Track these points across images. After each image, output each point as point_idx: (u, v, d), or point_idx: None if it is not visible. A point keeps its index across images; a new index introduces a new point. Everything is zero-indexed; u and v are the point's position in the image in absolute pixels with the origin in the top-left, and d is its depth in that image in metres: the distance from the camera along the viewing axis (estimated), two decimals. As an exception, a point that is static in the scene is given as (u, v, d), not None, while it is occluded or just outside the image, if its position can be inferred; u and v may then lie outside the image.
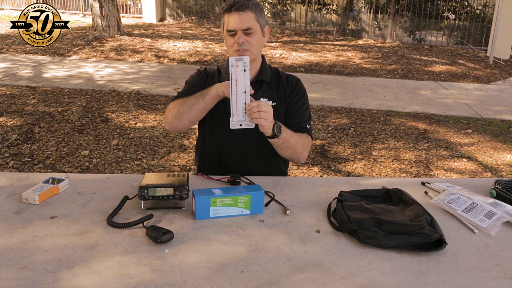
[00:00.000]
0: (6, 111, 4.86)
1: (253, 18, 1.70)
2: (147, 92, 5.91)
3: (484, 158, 4.25)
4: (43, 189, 1.49)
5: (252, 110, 1.49)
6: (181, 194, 1.42)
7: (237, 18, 1.68)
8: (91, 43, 8.78)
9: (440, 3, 11.33)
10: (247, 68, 1.46)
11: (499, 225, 1.39)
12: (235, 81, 1.46)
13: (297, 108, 1.85)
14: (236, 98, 1.48)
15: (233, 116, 1.49)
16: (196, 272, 1.13)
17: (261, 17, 1.74)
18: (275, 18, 12.54)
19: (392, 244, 1.25)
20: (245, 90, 1.48)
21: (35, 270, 1.12)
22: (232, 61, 1.45)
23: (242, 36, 1.69)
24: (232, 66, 1.45)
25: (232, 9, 1.69)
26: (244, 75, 1.45)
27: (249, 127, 1.52)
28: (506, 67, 8.88)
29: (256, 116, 1.49)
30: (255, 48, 1.74)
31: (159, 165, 3.75)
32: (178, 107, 1.73)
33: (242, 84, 1.47)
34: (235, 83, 1.46)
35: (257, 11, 1.72)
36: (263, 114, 1.50)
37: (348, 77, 7.50)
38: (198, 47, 8.99)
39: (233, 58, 1.46)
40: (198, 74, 1.89)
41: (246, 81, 1.47)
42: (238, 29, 1.69)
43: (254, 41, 1.72)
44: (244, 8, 1.68)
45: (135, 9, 13.85)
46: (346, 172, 3.81)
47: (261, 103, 1.51)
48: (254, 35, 1.71)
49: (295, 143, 1.71)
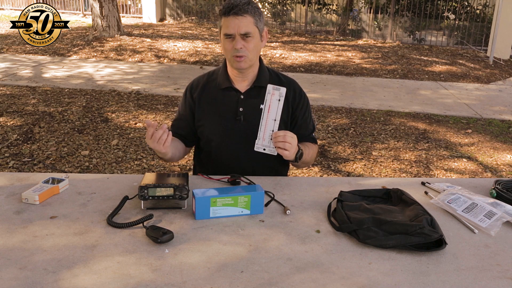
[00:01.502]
0: (6, 111, 4.86)
1: (251, 23, 1.65)
2: (147, 92, 5.91)
3: (484, 158, 4.25)
4: (43, 189, 1.49)
5: (277, 139, 1.57)
6: (181, 194, 1.42)
7: (236, 22, 1.63)
8: (91, 43, 8.78)
9: (440, 3, 11.33)
10: (282, 98, 1.54)
11: (499, 225, 1.39)
12: (268, 108, 1.55)
13: (305, 120, 1.87)
14: (265, 123, 1.57)
15: (259, 139, 1.59)
16: (196, 272, 1.13)
17: (260, 21, 1.69)
18: (275, 18, 12.54)
19: (392, 244, 1.25)
20: (275, 118, 1.56)
21: (35, 270, 1.12)
22: (270, 89, 1.54)
23: (240, 41, 1.65)
24: (268, 93, 1.54)
25: (231, 13, 1.63)
26: (278, 104, 1.55)
27: (272, 154, 1.60)
28: (506, 67, 8.88)
29: (280, 146, 1.57)
30: (253, 53, 1.70)
31: (159, 165, 3.75)
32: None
33: (274, 112, 1.55)
34: (268, 109, 1.56)
35: (256, 15, 1.67)
36: (288, 145, 1.57)
37: (348, 77, 7.50)
38: (198, 47, 8.99)
39: (271, 86, 1.54)
40: (185, 95, 1.86)
41: (278, 110, 1.55)
42: (236, 34, 1.65)
43: (251, 46, 1.68)
44: (243, 13, 1.63)
45: (135, 9, 13.86)
46: (346, 172, 3.81)
47: (288, 134, 1.58)
48: (252, 40, 1.67)
49: (310, 159, 1.81)
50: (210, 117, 1.81)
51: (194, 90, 1.85)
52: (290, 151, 1.59)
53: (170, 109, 5.23)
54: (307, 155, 1.76)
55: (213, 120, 1.80)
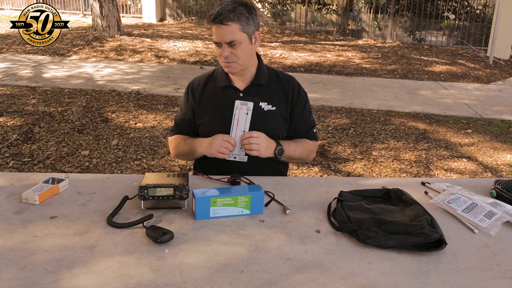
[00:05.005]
0: (6, 111, 4.86)
1: (237, 30, 1.65)
2: (147, 92, 5.91)
3: (484, 158, 4.25)
4: (43, 189, 1.49)
5: (243, 142, 1.67)
6: (181, 194, 1.42)
7: (220, 31, 1.65)
8: (91, 43, 8.78)
9: (440, 3, 11.33)
10: (249, 112, 1.64)
11: (499, 225, 1.39)
12: (237, 121, 1.65)
13: (303, 116, 1.88)
14: (235, 135, 1.68)
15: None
16: (196, 272, 1.13)
17: (248, 25, 1.68)
18: (275, 18, 12.54)
19: (392, 244, 1.25)
20: (244, 130, 1.66)
21: (35, 270, 1.12)
22: (238, 104, 1.64)
23: (227, 49, 1.67)
24: (236, 108, 1.64)
25: (215, 22, 1.65)
26: (246, 117, 1.64)
27: (242, 160, 1.71)
28: (506, 67, 8.88)
29: (247, 148, 1.67)
30: (242, 59, 1.71)
31: (159, 165, 3.75)
32: (177, 149, 1.88)
33: (242, 124, 1.65)
34: (236, 122, 1.66)
35: (241, 21, 1.65)
36: (254, 146, 1.66)
37: (348, 77, 7.50)
38: (198, 47, 8.99)
39: (239, 102, 1.65)
40: (186, 94, 1.89)
41: (247, 123, 1.65)
42: (222, 42, 1.67)
43: (239, 52, 1.69)
44: (227, 21, 1.63)
45: (135, 9, 13.85)
46: (346, 172, 3.81)
47: (253, 134, 1.66)
48: (240, 46, 1.68)
49: (299, 155, 1.84)
50: (210, 115, 1.82)
51: (195, 89, 1.87)
52: (260, 150, 1.68)
53: (170, 109, 5.23)
54: (294, 151, 1.80)
55: (213, 118, 1.81)
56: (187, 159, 1.94)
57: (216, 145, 1.68)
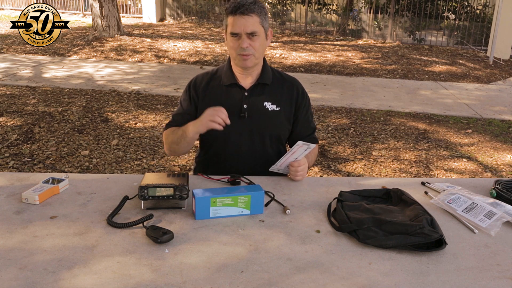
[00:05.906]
0: (6, 111, 4.86)
1: (258, 22, 1.68)
2: (147, 92, 5.91)
3: (484, 158, 4.25)
4: (43, 189, 1.49)
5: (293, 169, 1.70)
6: (181, 194, 1.42)
7: (243, 21, 1.66)
8: (91, 43, 8.78)
9: (440, 3, 11.33)
10: (308, 149, 1.68)
11: (499, 225, 1.39)
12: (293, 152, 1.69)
13: (306, 119, 1.90)
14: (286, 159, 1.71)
15: (276, 165, 1.73)
16: (196, 272, 1.13)
17: (265, 20, 1.73)
18: (275, 18, 12.54)
19: (392, 244, 1.25)
20: (297, 158, 1.72)
21: (35, 270, 1.12)
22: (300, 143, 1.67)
23: (246, 40, 1.68)
24: (297, 145, 1.67)
25: (238, 12, 1.65)
26: (303, 152, 1.69)
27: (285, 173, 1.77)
28: (506, 67, 8.88)
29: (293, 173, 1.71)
30: (258, 52, 1.73)
31: (159, 165, 3.75)
32: (171, 137, 1.82)
33: (297, 154, 1.71)
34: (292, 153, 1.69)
35: (262, 15, 1.69)
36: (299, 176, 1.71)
37: (348, 77, 7.50)
38: (198, 47, 8.99)
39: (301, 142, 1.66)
40: (188, 90, 1.87)
41: (301, 155, 1.71)
42: (242, 33, 1.67)
43: (257, 45, 1.71)
44: (250, 12, 1.65)
45: (135, 9, 13.85)
46: (346, 172, 3.81)
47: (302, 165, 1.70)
48: (258, 39, 1.70)
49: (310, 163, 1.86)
50: None
51: (198, 86, 1.85)
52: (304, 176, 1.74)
53: (170, 109, 5.23)
54: (310, 162, 1.85)
55: None
56: (179, 147, 1.80)
57: (208, 114, 1.62)
